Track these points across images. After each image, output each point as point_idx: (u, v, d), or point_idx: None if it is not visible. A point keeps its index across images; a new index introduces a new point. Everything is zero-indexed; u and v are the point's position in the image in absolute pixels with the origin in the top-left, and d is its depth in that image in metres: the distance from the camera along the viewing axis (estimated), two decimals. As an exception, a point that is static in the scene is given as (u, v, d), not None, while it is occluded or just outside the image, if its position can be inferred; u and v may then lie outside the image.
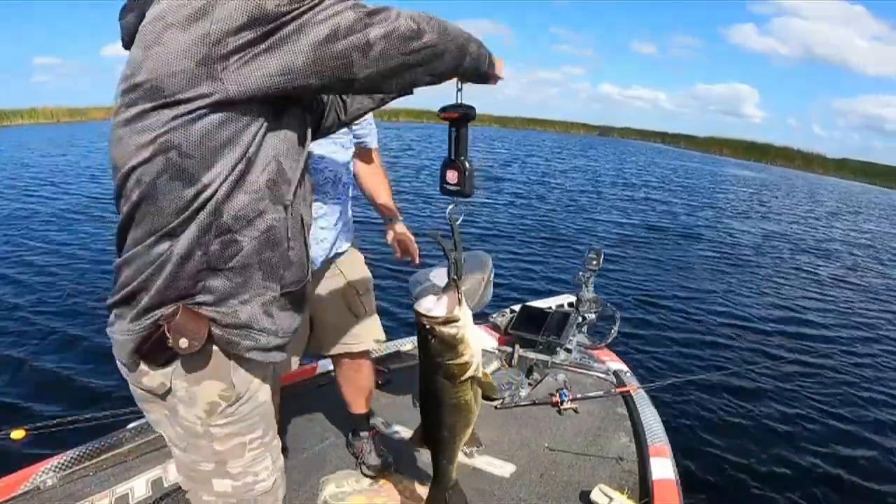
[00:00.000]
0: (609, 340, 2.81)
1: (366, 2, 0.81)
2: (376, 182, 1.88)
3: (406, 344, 2.72)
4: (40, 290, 4.78)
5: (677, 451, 2.01)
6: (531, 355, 2.66)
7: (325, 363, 2.36)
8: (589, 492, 1.72)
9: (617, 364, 2.67)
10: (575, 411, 2.30)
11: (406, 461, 1.92)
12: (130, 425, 1.90)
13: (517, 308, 2.94)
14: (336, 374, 1.94)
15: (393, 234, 1.89)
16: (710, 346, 4.47)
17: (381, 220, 1.94)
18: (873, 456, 3.13)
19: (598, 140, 44.55)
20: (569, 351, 2.70)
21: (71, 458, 1.74)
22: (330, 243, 1.67)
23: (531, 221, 8.82)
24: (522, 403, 2.35)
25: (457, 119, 1.04)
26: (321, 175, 1.60)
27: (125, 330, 0.88)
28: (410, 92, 1.15)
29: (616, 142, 43.88)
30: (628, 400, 2.35)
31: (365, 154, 1.83)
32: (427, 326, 0.99)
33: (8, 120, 29.88)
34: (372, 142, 1.79)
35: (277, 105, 0.84)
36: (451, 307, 1.00)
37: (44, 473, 1.68)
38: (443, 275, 1.10)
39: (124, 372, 0.94)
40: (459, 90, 1.02)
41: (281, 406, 1.67)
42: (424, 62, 0.83)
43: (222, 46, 0.74)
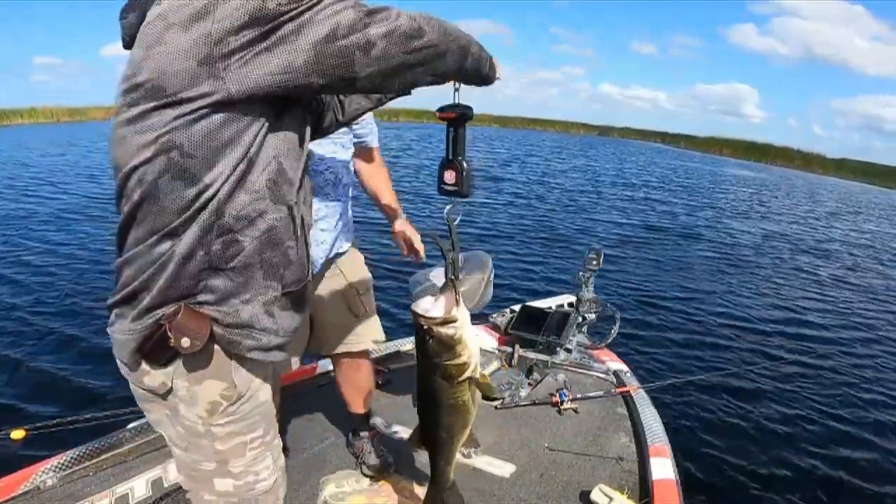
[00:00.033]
0: (609, 340, 2.81)
1: (366, 2, 0.80)
2: (379, 181, 1.87)
3: (406, 344, 2.72)
4: (38, 291, 4.78)
5: (677, 452, 2.01)
6: (531, 355, 2.67)
7: (325, 363, 2.36)
8: (589, 492, 1.72)
9: (617, 364, 2.67)
10: (575, 411, 2.30)
11: (406, 461, 1.92)
12: (130, 425, 1.90)
13: (517, 308, 2.94)
14: (336, 374, 1.94)
15: (398, 232, 1.87)
16: (710, 347, 4.47)
17: (382, 220, 1.93)
18: (873, 458, 3.12)
19: (598, 140, 44.56)
20: (569, 351, 2.70)
21: (71, 458, 1.74)
22: (330, 244, 1.67)
23: (531, 221, 8.81)
24: (522, 403, 2.35)
25: (454, 119, 1.04)
26: (321, 177, 1.60)
27: (126, 329, 0.88)
28: (408, 92, 1.14)
29: (616, 142, 43.89)
30: (628, 400, 2.35)
31: (366, 153, 1.82)
32: (425, 327, 0.98)
33: (8, 119, 29.87)
34: (373, 141, 1.79)
35: (278, 105, 0.84)
36: (449, 308, 0.99)
37: (44, 473, 1.68)
38: (443, 275, 1.10)
39: (125, 372, 0.94)
40: (457, 90, 1.01)
41: (281, 406, 1.67)
42: (426, 61, 0.83)
43: (224, 46, 0.74)
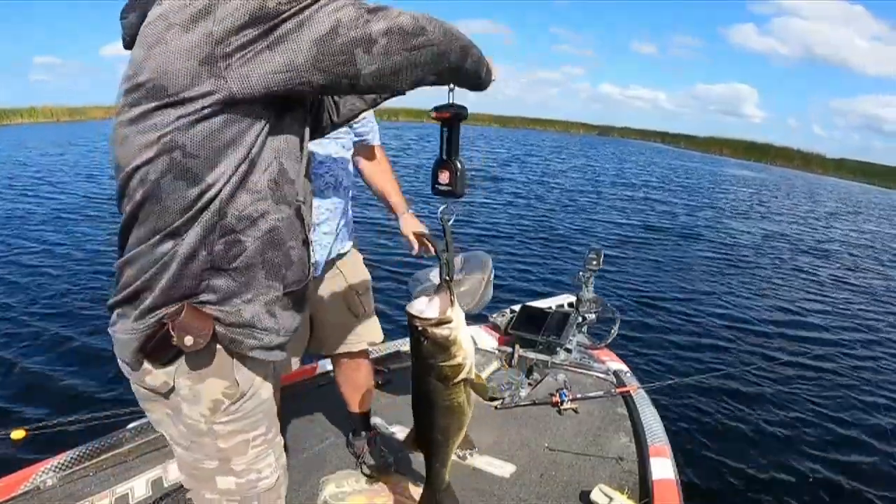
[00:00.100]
0: (609, 340, 2.81)
1: (366, 2, 0.80)
2: (383, 179, 1.86)
3: (406, 344, 2.71)
4: (35, 291, 4.78)
5: (677, 452, 2.01)
6: (531, 355, 2.67)
7: (325, 363, 2.36)
8: (589, 492, 1.72)
9: (617, 364, 2.67)
10: (575, 411, 2.30)
11: (406, 461, 1.92)
12: (130, 425, 1.90)
13: (517, 308, 2.94)
14: (335, 374, 1.94)
15: (406, 227, 1.84)
16: (710, 347, 4.47)
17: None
18: (872, 461, 3.12)
19: (598, 140, 44.57)
20: (569, 351, 2.70)
21: (71, 458, 1.74)
22: (331, 246, 1.67)
23: (531, 221, 8.81)
24: (522, 403, 2.35)
25: (449, 119, 1.04)
26: (322, 179, 1.60)
27: (128, 329, 0.88)
28: (403, 92, 1.13)
29: (616, 141, 43.88)
30: (628, 400, 2.35)
31: (368, 151, 1.81)
32: (419, 328, 0.98)
33: (8, 119, 29.89)
34: (374, 139, 1.78)
35: (279, 106, 0.84)
36: (444, 308, 0.99)
37: (44, 473, 1.68)
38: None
39: (126, 371, 0.94)
40: (451, 91, 1.01)
41: (281, 406, 1.67)
42: (428, 60, 0.82)
43: (225, 45, 0.75)
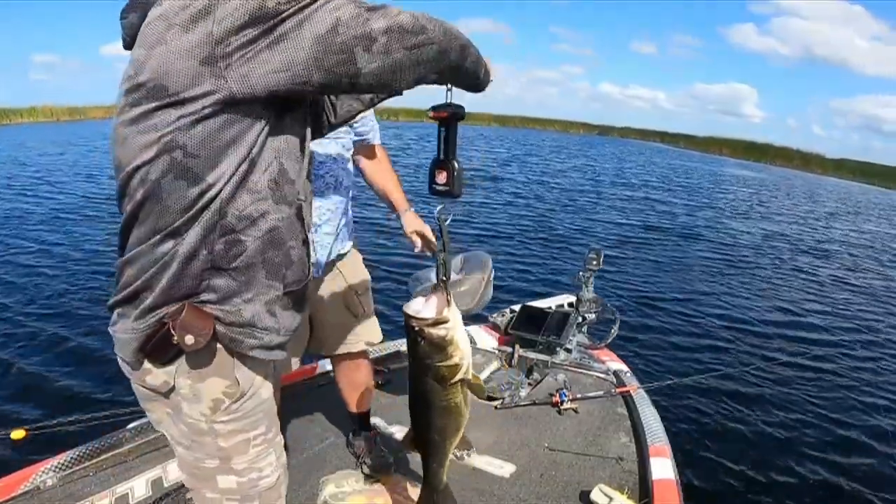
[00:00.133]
0: (609, 340, 2.81)
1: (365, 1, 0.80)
2: (385, 178, 1.85)
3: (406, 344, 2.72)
4: (33, 291, 4.77)
5: (677, 452, 2.01)
6: (531, 355, 2.67)
7: (325, 363, 2.36)
8: (589, 492, 1.72)
9: (617, 364, 2.67)
10: (575, 411, 2.30)
11: (406, 461, 1.92)
12: (130, 425, 1.90)
13: (517, 308, 2.94)
14: (335, 374, 1.94)
15: (408, 224, 1.82)
16: (710, 347, 4.47)
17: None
18: (872, 461, 3.11)
19: (598, 139, 44.57)
20: (569, 351, 2.70)
21: (71, 458, 1.74)
22: (332, 247, 1.67)
23: (530, 221, 8.81)
24: (522, 403, 2.35)
25: (446, 118, 1.04)
26: (322, 180, 1.60)
27: (129, 328, 0.88)
28: (400, 92, 1.13)
29: (615, 141, 43.87)
30: (628, 400, 2.35)
31: (368, 151, 1.81)
32: (416, 328, 0.98)
33: (7, 118, 29.84)
34: (374, 138, 1.78)
35: (280, 105, 0.84)
36: (440, 308, 0.99)
37: (44, 473, 1.68)
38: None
39: (127, 371, 0.94)
40: (449, 90, 1.01)
41: (281, 406, 1.67)
42: (428, 58, 0.82)
43: (225, 45, 0.75)
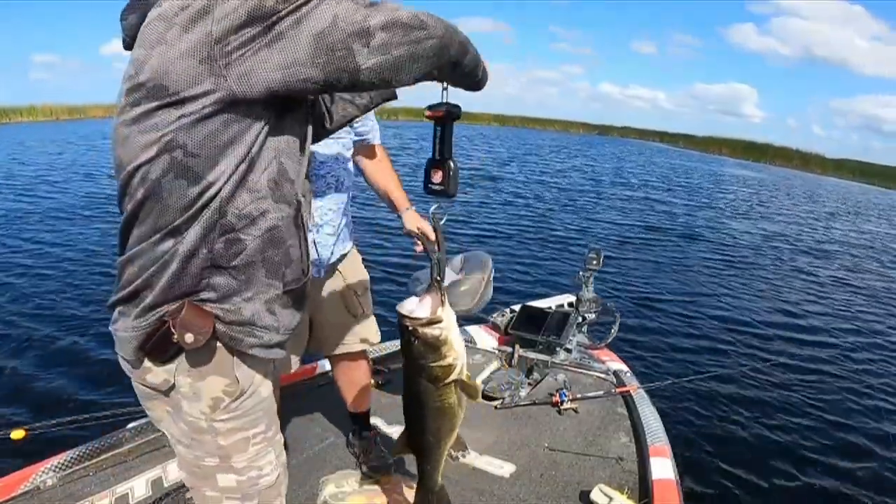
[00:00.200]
0: (609, 340, 2.81)
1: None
2: (385, 178, 1.85)
3: (406, 344, 2.72)
4: (31, 291, 4.75)
5: (677, 452, 2.01)
6: (531, 355, 2.67)
7: (325, 363, 2.35)
8: (589, 492, 1.73)
9: (617, 364, 2.67)
10: (575, 411, 2.30)
11: (406, 461, 1.92)
12: (130, 425, 1.90)
13: (517, 308, 2.94)
14: (334, 374, 1.94)
15: (409, 225, 1.79)
16: (710, 348, 4.47)
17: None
18: (872, 463, 3.10)
19: (598, 139, 44.60)
20: (569, 351, 2.70)
21: (71, 458, 1.74)
22: (334, 247, 1.67)
23: (530, 221, 8.81)
24: (522, 403, 2.35)
25: (442, 117, 1.03)
26: (323, 180, 1.60)
27: (129, 327, 0.88)
28: (395, 96, 1.21)
29: (615, 141, 43.90)
30: (628, 400, 2.35)
31: (369, 150, 1.81)
32: (409, 328, 0.97)
33: (7, 117, 29.82)
34: (375, 138, 1.78)
35: (280, 105, 0.84)
36: (434, 308, 0.98)
37: (44, 473, 1.68)
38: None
39: (127, 369, 0.94)
40: (445, 89, 1.00)
41: (281, 406, 1.67)
42: (428, 54, 0.81)
43: (224, 44, 0.75)
